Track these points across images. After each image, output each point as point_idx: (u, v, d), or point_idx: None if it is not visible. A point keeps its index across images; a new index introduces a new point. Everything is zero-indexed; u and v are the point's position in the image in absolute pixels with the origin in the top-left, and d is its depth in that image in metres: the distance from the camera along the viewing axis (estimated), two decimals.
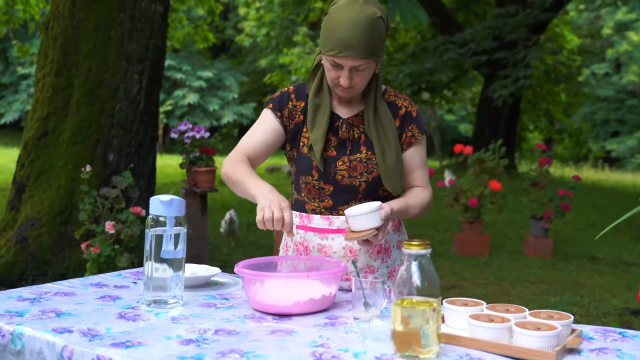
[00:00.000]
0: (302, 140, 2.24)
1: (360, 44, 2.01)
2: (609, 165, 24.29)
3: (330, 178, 2.19)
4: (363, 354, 1.54)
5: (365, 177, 2.18)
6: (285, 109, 2.25)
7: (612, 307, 5.57)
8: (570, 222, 9.94)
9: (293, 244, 2.29)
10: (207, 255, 5.89)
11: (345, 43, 2.02)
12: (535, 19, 14.93)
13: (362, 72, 2.09)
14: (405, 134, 2.24)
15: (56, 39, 5.83)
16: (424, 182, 2.29)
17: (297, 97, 2.27)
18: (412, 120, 2.25)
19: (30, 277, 5.33)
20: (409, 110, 2.26)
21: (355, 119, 2.22)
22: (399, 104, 2.26)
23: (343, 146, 2.20)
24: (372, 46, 2.04)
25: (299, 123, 2.25)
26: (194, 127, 5.65)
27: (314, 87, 2.22)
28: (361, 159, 2.19)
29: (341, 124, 2.21)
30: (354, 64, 2.05)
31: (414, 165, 2.26)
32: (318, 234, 2.22)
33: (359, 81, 2.11)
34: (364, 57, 2.03)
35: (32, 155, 5.71)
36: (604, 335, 1.74)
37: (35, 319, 1.76)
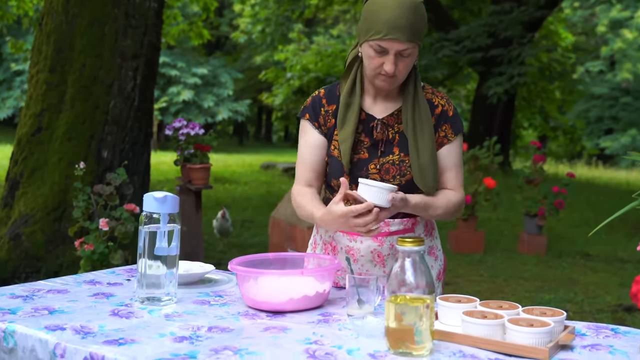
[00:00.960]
0: (333, 143, 2.18)
1: (407, 25, 1.96)
2: (603, 163, 24.35)
3: None
4: (356, 350, 1.55)
5: (399, 180, 2.11)
6: (320, 116, 2.20)
7: (605, 304, 5.59)
8: (564, 219, 9.96)
9: (322, 242, 2.26)
10: (202, 252, 5.88)
11: (393, 24, 1.96)
12: (530, 17, 14.95)
13: (407, 58, 2.02)
14: (439, 133, 2.16)
15: (50, 35, 5.81)
16: (455, 185, 2.19)
17: (329, 101, 2.21)
18: (447, 120, 2.17)
19: (23, 275, 5.32)
20: (445, 109, 2.18)
21: (390, 118, 2.15)
22: (436, 102, 2.19)
23: (375, 148, 2.14)
24: (417, 29, 1.99)
25: (331, 127, 2.19)
26: (189, 124, 5.64)
27: (347, 86, 2.15)
28: (393, 161, 2.12)
29: (376, 125, 2.14)
30: (400, 47, 1.99)
31: (445, 167, 2.17)
32: (347, 235, 2.16)
33: (402, 68, 2.04)
34: (410, 39, 1.98)
35: (25, 152, 5.69)
36: (597, 331, 1.74)
37: (27, 317, 1.75)
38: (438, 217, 2.15)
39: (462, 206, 2.19)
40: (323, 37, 23.35)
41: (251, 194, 12.69)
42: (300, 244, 6.45)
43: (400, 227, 2.15)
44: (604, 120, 26.95)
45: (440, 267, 2.27)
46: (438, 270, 2.26)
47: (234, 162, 19.29)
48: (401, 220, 2.15)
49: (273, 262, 2.09)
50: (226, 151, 24.04)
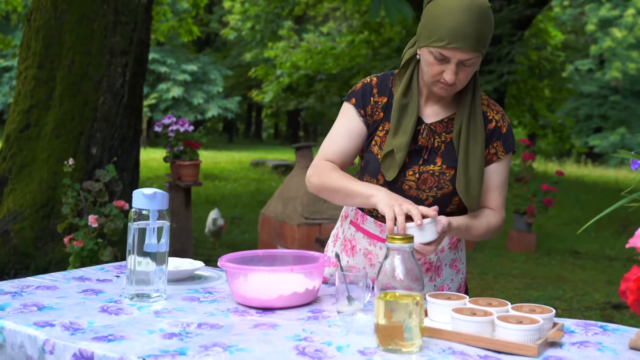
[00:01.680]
0: (375, 138, 2.04)
1: (472, 33, 1.81)
2: (592, 161, 24.47)
3: (396, 186, 2.01)
4: (346, 347, 1.55)
5: (435, 192, 2.00)
6: (368, 105, 2.05)
7: (593, 301, 5.61)
8: (553, 217, 10.00)
9: (343, 236, 2.19)
10: (191, 249, 5.87)
11: (457, 32, 1.81)
12: (520, 15, 14.98)
13: (469, 67, 1.88)
14: (489, 150, 2.02)
15: (39, 31, 5.78)
16: (497, 205, 2.06)
17: (380, 91, 2.05)
18: (500, 137, 2.03)
19: (12, 271, 5.30)
20: (499, 125, 2.03)
21: (439, 125, 2.01)
22: (490, 116, 2.04)
23: (418, 154, 2.01)
24: (483, 37, 1.84)
25: (377, 120, 2.04)
26: (178, 121, 5.63)
27: (402, 86, 2.00)
28: (434, 171, 2.00)
29: (422, 130, 2.00)
30: (463, 57, 1.84)
31: (490, 185, 2.03)
32: (367, 237, 2.10)
33: (463, 78, 1.90)
34: (475, 49, 1.83)
35: (14, 148, 5.67)
36: (586, 328, 1.75)
37: (16, 313, 1.74)
38: (478, 238, 2.04)
39: (501, 228, 2.08)
40: (313, 35, 23.35)
41: (241, 191, 12.68)
42: (290, 241, 6.45)
43: None
44: (593, 118, 27.08)
45: (461, 281, 2.19)
46: (459, 284, 2.18)
47: (224, 159, 19.27)
48: None
49: (262, 259, 2.08)
50: (216, 148, 24.01)
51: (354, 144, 2.06)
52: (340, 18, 24.63)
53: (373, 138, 2.05)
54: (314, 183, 2.05)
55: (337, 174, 1.99)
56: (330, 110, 23.92)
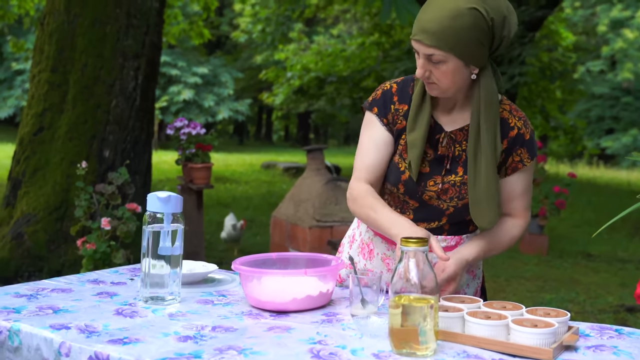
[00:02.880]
0: (397, 147, 2.02)
1: (434, 28, 1.79)
2: (604, 163, 24.36)
3: (417, 195, 1.99)
4: (361, 350, 1.55)
5: (455, 202, 1.98)
6: (389, 113, 2.02)
7: (607, 304, 5.59)
8: (566, 219, 9.97)
9: (360, 239, 2.18)
10: (203, 251, 5.88)
11: (421, 24, 1.82)
12: (531, 16, 14.95)
13: (439, 65, 1.84)
14: (513, 158, 1.98)
15: (52, 34, 5.81)
16: (521, 211, 2.04)
17: (400, 99, 2.03)
18: (524, 144, 1.98)
19: (25, 274, 5.33)
20: (522, 132, 1.98)
21: (459, 133, 1.98)
22: (512, 123, 1.98)
23: (440, 163, 1.98)
24: (449, 37, 1.79)
25: (400, 129, 2.01)
26: (190, 124, 5.65)
27: (419, 87, 1.99)
28: (455, 182, 1.97)
29: (442, 138, 1.97)
30: (425, 51, 1.82)
31: (515, 193, 2.01)
32: (385, 242, 2.09)
33: (440, 77, 1.86)
34: (435, 44, 1.80)
35: (27, 152, 5.70)
36: (601, 332, 1.74)
37: (32, 316, 1.76)
38: (497, 254, 2.05)
39: (523, 232, 2.07)
40: (323, 37, 23.35)
41: (252, 194, 12.69)
42: (302, 244, 6.46)
43: (443, 244, 2.04)
44: (605, 120, 26.95)
45: (477, 286, 2.16)
46: (475, 289, 2.15)
47: (235, 162, 19.30)
48: (445, 237, 2.05)
49: (276, 261, 2.09)
50: (226, 151, 24.05)
51: (383, 155, 2.03)
52: (351, 20, 24.64)
53: (396, 147, 2.03)
54: (350, 208, 2.08)
55: (368, 202, 1.98)
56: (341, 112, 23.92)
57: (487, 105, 1.90)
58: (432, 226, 2.03)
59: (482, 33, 1.81)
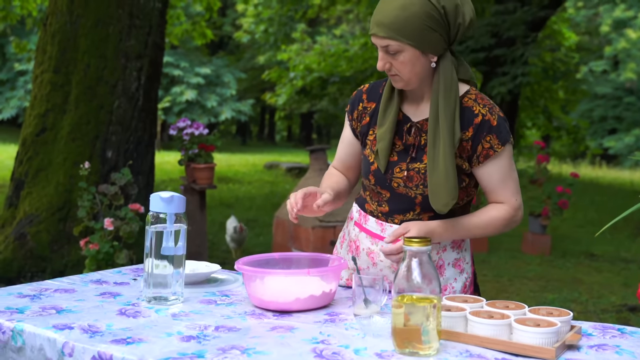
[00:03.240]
0: (366, 142, 2.12)
1: (388, 21, 1.89)
2: (607, 163, 24.33)
3: (386, 184, 2.06)
4: (363, 350, 1.55)
5: (422, 189, 2.01)
6: (355, 110, 2.16)
7: (609, 304, 5.58)
8: (568, 219, 9.96)
9: (349, 238, 2.23)
10: (206, 251, 5.89)
11: (375, 19, 1.93)
12: (534, 16, 14.93)
13: (397, 55, 1.92)
14: (482, 145, 1.99)
15: (54, 35, 5.82)
16: (506, 198, 2.04)
17: (369, 97, 2.14)
18: (492, 130, 1.98)
19: (28, 274, 5.33)
20: (486, 118, 1.99)
21: (425, 123, 2.03)
22: (476, 110, 2.00)
23: (406, 152, 2.04)
24: (401, 26, 1.88)
25: (365, 126, 2.13)
26: (193, 124, 5.65)
27: (388, 83, 2.08)
28: (419, 169, 2.01)
29: (409, 128, 2.04)
30: (382, 44, 1.92)
31: (493, 182, 2.03)
32: (369, 237, 2.13)
33: (400, 68, 1.94)
34: (388, 35, 1.89)
35: (30, 152, 5.71)
36: (603, 331, 1.74)
37: (35, 316, 1.76)
38: (482, 235, 2.08)
39: (514, 217, 2.06)
40: (326, 37, 23.35)
41: (255, 194, 12.70)
42: (304, 244, 6.46)
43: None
44: (608, 120, 26.93)
45: (465, 281, 2.15)
46: (463, 284, 2.14)
47: (238, 162, 19.30)
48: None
49: (279, 261, 2.09)
50: (229, 151, 24.06)
51: (350, 150, 2.22)
52: (353, 20, 24.64)
53: (365, 142, 2.13)
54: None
55: (325, 181, 2.20)
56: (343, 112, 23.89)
57: (445, 92, 1.95)
58: (408, 218, 2.06)
59: (433, 21, 1.90)
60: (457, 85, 1.98)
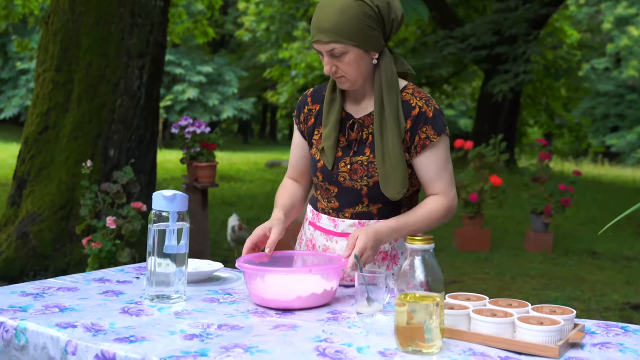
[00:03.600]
0: (312, 142, 2.21)
1: (327, 26, 1.97)
2: (609, 160, 24.30)
3: (333, 179, 2.14)
4: (366, 348, 1.55)
5: (366, 181, 2.09)
6: (302, 114, 2.25)
7: (612, 302, 5.58)
8: (571, 217, 9.95)
9: (305, 239, 2.29)
10: (208, 250, 5.89)
11: (316, 27, 2.00)
12: (536, 14, 14.92)
13: (342, 57, 2.00)
14: (419, 136, 2.07)
15: (56, 33, 5.82)
16: (441, 189, 2.11)
17: (314, 100, 2.24)
18: (428, 121, 2.07)
19: (31, 273, 5.34)
20: (423, 110, 2.08)
21: (367, 118, 2.12)
22: (413, 103, 2.09)
23: (349, 147, 2.13)
24: (343, 29, 1.96)
25: (310, 127, 2.22)
26: (195, 122, 5.65)
27: (329, 84, 2.18)
28: (362, 161, 2.10)
29: (351, 125, 2.13)
30: (326, 48, 2.00)
31: (430, 173, 2.10)
32: (324, 234, 2.19)
33: (345, 69, 2.02)
34: (332, 39, 1.97)
35: (32, 151, 5.71)
36: (606, 329, 1.74)
37: (38, 314, 1.76)
38: (425, 229, 2.10)
39: (451, 208, 2.13)
40: None
41: (256, 192, 12.70)
42: None
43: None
44: (610, 117, 26.89)
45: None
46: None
47: (239, 160, 19.31)
48: (376, 221, 2.12)
49: (279, 260, 2.09)
50: (231, 149, 24.07)
51: (302, 153, 2.28)
52: None
53: (311, 142, 2.22)
54: None
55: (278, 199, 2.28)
56: None
57: (388, 86, 2.06)
58: (358, 210, 2.14)
59: (371, 20, 1.99)
60: (397, 79, 2.10)
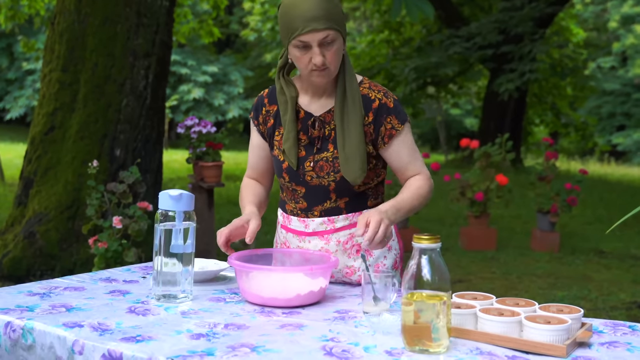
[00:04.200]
0: (274, 142, 2.22)
1: (321, 13, 1.98)
2: (615, 159, 24.23)
3: (300, 179, 2.16)
4: (373, 347, 1.55)
5: (333, 176, 2.12)
6: (260, 115, 2.25)
7: (619, 301, 5.56)
8: (577, 216, 9.92)
9: (280, 242, 2.31)
10: (215, 249, 5.89)
11: (307, 16, 1.98)
12: (541, 13, 14.89)
13: (331, 45, 2.02)
14: (385, 126, 2.12)
15: (62, 34, 5.83)
16: (417, 170, 2.18)
17: (270, 101, 2.24)
18: (390, 112, 2.12)
19: (38, 272, 5.35)
20: (383, 102, 2.13)
21: (327, 115, 2.15)
22: (372, 96, 2.14)
23: (312, 145, 2.15)
24: (334, 15, 2.00)
25: (270, 128, 2.23)
26: (201, 122, 5.66)
27: (277, 86, 2.19)
28: (327, 158, 2.13)
29: (312, 122, 2.15)
30: (321, 36, 1.99)
31: (402, 158, 2.16)
32: (296, 235, 2.22)
33: (331, 58, 2.03)
34: (328, 26, 1.99)
35: (39, 151, 5.72)
36: (614, 329, 1.74)
37: (45, 314, 1.76)
38: (418, 208, 2.13)
39: (431, 184, 2.18)
40: None
41: None
42: None
43: (345, 222, 2.17)
44: (616, 116, 26.79)
45: (396, 257, 2.24)
46: (394, 260, 2.23)
47: (245, 160, 19.26)
48: (346, 215, 2.17)
49: (262, 257, 2.11)
50: (236, 149, 24.06)
51: (261, 154, 2.30)
52: (360, 18, 24.61)
53: (272, 143, 2.23)
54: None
55: (242, 193, 2.33)
56: None
57: (350, 75, 2.11)
58: (327, 207, 2.16)
59: (341, 9, 2.07)
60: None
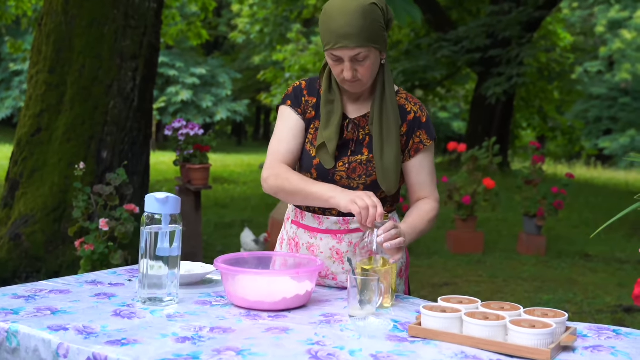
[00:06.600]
0: (307, 136, 2.20)
1: (354, 31, 1.98)
2: (602, 163, 24.36)
3: (328, 178, 2.15)
4: (359, 351, 1.55)
5: (364, 179, 2.14)
6: (302, 105, 2.22)
7: (604, 305, 5.59)
8: (564, 220, 9.97)
9: (287, 237, 2.30)
10: (201, 252, 5.88)
11: (340, 33, 1.99)
12: (529, 17, 14.96)
13: (364, 61, 2.03)
14: (413, 140, 2.18)
15: (49, 35, 5.81)
16: (430, 192, 2.22)
17: (310, 92, 2.23)
18: (422, 126, 2.18)
19: (23, 275, 5.32)
20: (418, 115, 2.19)
21: (362, 119, 2.17)
22: (409, 108, 2.19)
23: (346, 147, 2.16)
24: (368, 33, 2.00)
25: (310, 119, 2.21)
26: (188, 124, 5.64)
27: (324, 84, 2.18)
28: (361, 160, 2.14)
29: (347, 124, 2.16)
30: (351, 54, 2.01)
31: (421, 175, 2.20)
32: (308, 232, 2.21)
33: (364, 72, 2.06)
34: (359, 44, 1.99)
35: (25, 153, 5.69)
36: (598, 332, 1.75)
37: (30, 317, 1.76)
38: (425, 232, 2.17)
39: (438, 209, 2.22)
40: None
41: (250, 194, 12.69)
42: None
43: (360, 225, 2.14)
44: (603, 120, 26.95)
45: (401, 265, 2.25)
46: (399, 268, 2.23)
47: (233, 162, 19.29)
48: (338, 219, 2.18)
49: (248, 260, 2.11)
50: (225, 151, 24.03)
51: (299, 142, 2.21)
52: None
53: (306, 136, 2.21)
54: (272, 185, 2.17)
55: (295, 176, 2.14)
56: None
57: (389, 86, 2.14)
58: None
59: (382, 21, 2.06)
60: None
